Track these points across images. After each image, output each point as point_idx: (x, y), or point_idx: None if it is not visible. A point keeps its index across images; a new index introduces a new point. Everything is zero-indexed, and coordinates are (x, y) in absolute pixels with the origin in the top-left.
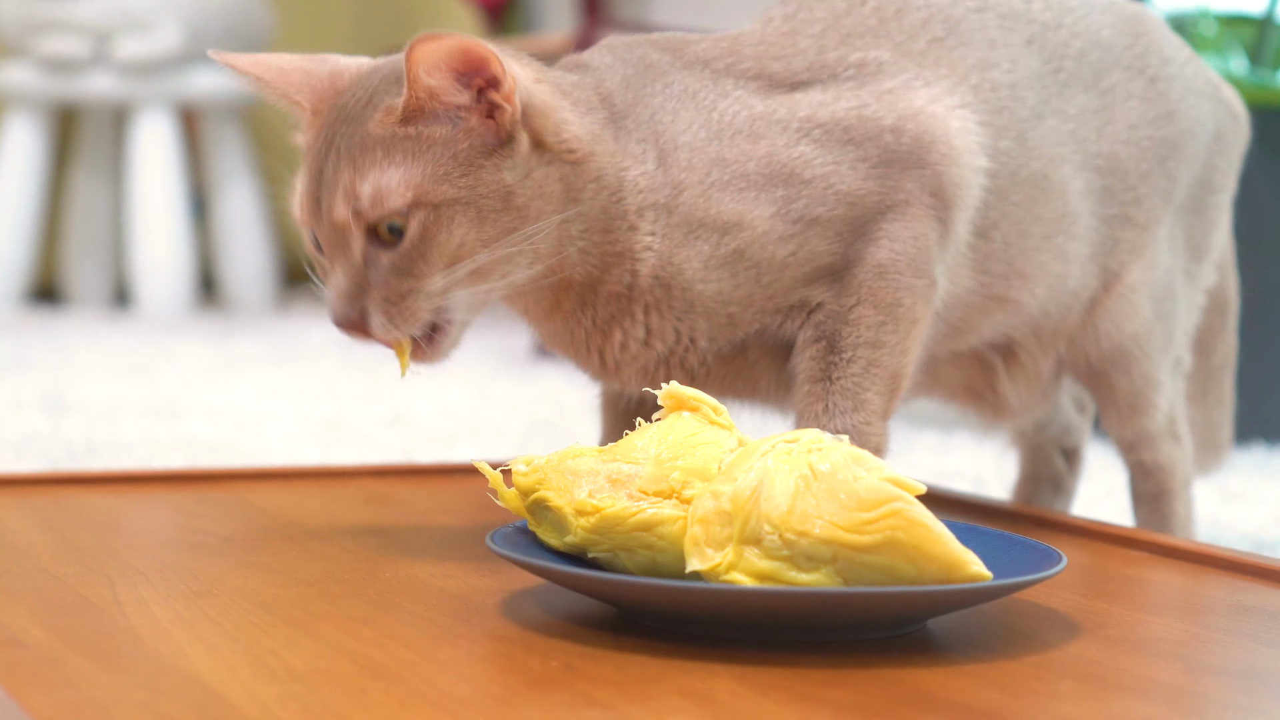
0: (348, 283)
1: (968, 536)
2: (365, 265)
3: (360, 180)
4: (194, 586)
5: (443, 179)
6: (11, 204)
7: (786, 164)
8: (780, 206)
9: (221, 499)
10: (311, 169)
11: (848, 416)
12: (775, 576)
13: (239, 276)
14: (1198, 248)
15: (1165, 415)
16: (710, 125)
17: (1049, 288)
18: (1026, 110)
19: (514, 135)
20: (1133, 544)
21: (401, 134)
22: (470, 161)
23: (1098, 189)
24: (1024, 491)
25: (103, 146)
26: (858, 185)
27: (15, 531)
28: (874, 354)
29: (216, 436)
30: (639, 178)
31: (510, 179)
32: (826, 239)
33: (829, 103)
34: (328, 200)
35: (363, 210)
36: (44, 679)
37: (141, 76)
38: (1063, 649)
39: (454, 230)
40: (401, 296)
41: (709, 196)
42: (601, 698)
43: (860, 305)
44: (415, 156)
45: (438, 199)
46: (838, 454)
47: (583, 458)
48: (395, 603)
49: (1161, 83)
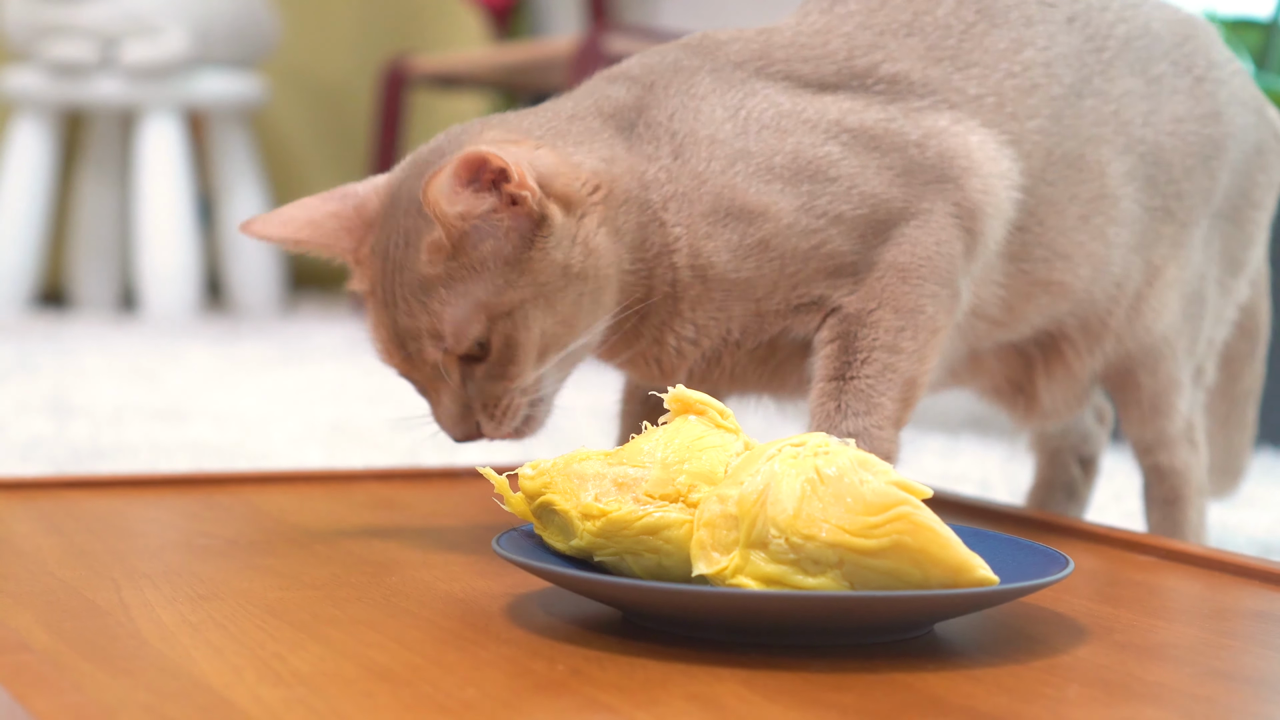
0: (456, 406)
1: (974, 541)
2: (464, 384)
3: (438, 323)
4: (199, 590)
5: (505, 288)
6: (18, 208)
7: (813, 161)
8: (805, 201)
9: (227, 502)
10: (385, 321)
11: (860, 419)
12: (781, 580)
13: (245, 280)
14: (1234, 260)
15: (1184, 420)
16: (736, 121)
17: (1093, 269)
18: (1061, 88)
19: (545, 213)
20: (1141, 548)
21: (454, 265)
22: (520, 260)
23: (1141, 176)
24: (1038, 497)
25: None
26: (882, 189)
27: (21, 535)
28: (891, 358)
29: (222, 440)
30: (658, 174)
31: (560, 255)
32: (849, 237)
33: (858, 110)
34: (414, 348)
35: (450, 348)
36: (49, 682)
37: (148, 81)
38: (1070, 654)
39: (531, 326)
40: (498, 399)
41: (734, 185)
42: (607, 702)
43: (881, 309)
44: (475, 280)
45: (509, 307)
46: (844, 458)
47: (589, 461)
48: (401, 606)
49: (1208, 84)
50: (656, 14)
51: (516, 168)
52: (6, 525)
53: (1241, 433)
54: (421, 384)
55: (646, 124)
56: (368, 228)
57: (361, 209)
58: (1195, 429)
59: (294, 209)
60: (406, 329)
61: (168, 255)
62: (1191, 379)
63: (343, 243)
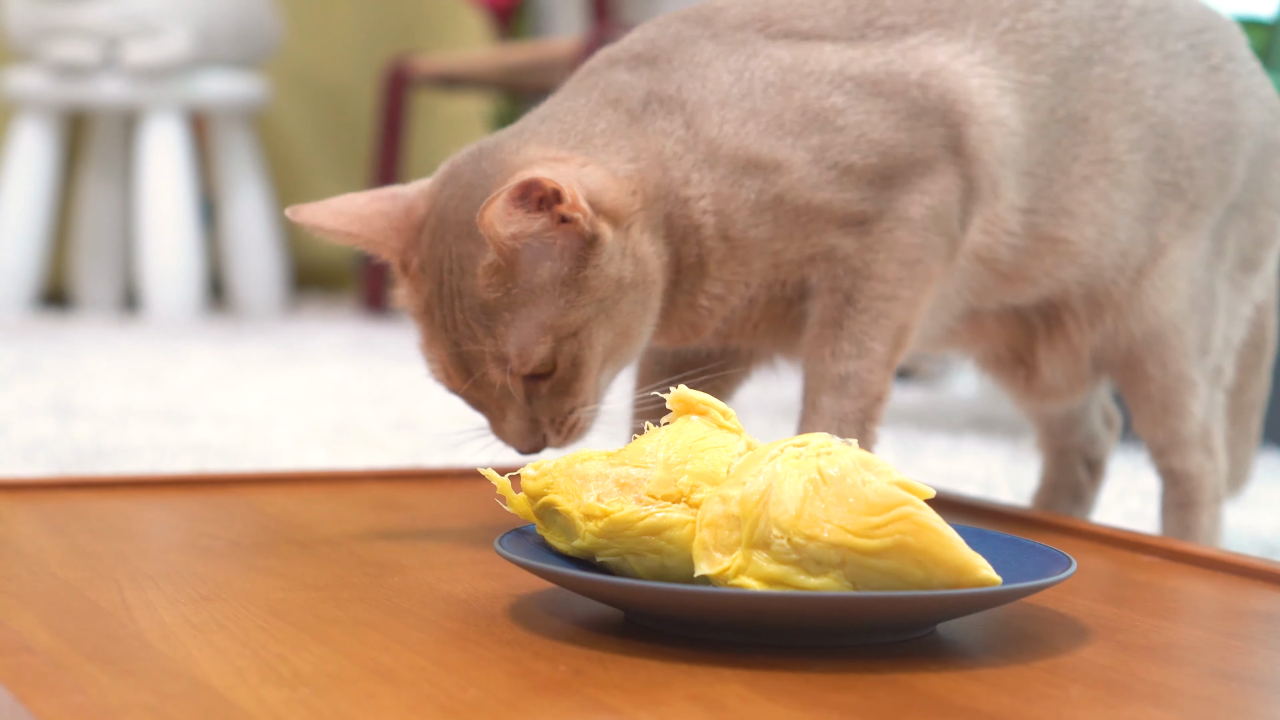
0: (523, 423)
1: (977, 541)
2: (529, 401)
3: (502, 345)
4: (202, 591)
5: (568, 309)
6: (21, 209)
7: (821, 113)
8: (816, 154)
9: (230, 503)
10: (444, 344)
11: (851, 362)
12: (784, 581)
13: (248, 281)
14: (1247, 257)
15: (1200, 423)
16: (742, 82)
17: (1098, 231)
18: (1069, 50)
19: (597, 233)
20: (1144, 549)
21: (514, 289)
22: (577, 280)
23: (1149, 147)
24: (1044, 498)
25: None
26: (889, 135)
27: (24, 536)
28: (887, 305)
29: (225, 441)
30: (674, 148)
31: (614, 270)
32: (858, 186)
33: (858, 59)
34: (479, 371)
35: (516, 370)
36: (52, 684)
37: (151, 81)
38: (1074, 654)
39: (595, 344)
40: (565, 416)
41: (746, 144)
42: (610, 702)
43: (885, 260)
44: (537, 303)
45: (574, 328)
46: (846, 458)
47: (591, 462)
48: (404, 607)
49: (1224, 75)
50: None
51: (570, 191)
52: (9, 526)
53: (1246, 442)
54: (484, 403)
55: (658, 101)
56: (415, 231)
57: (410, 212)
58: (1212, 435)
59: (343, 202)
60: (470, 354)
61: (170, 256)
62: (1207, 380)
63: (391, 242)
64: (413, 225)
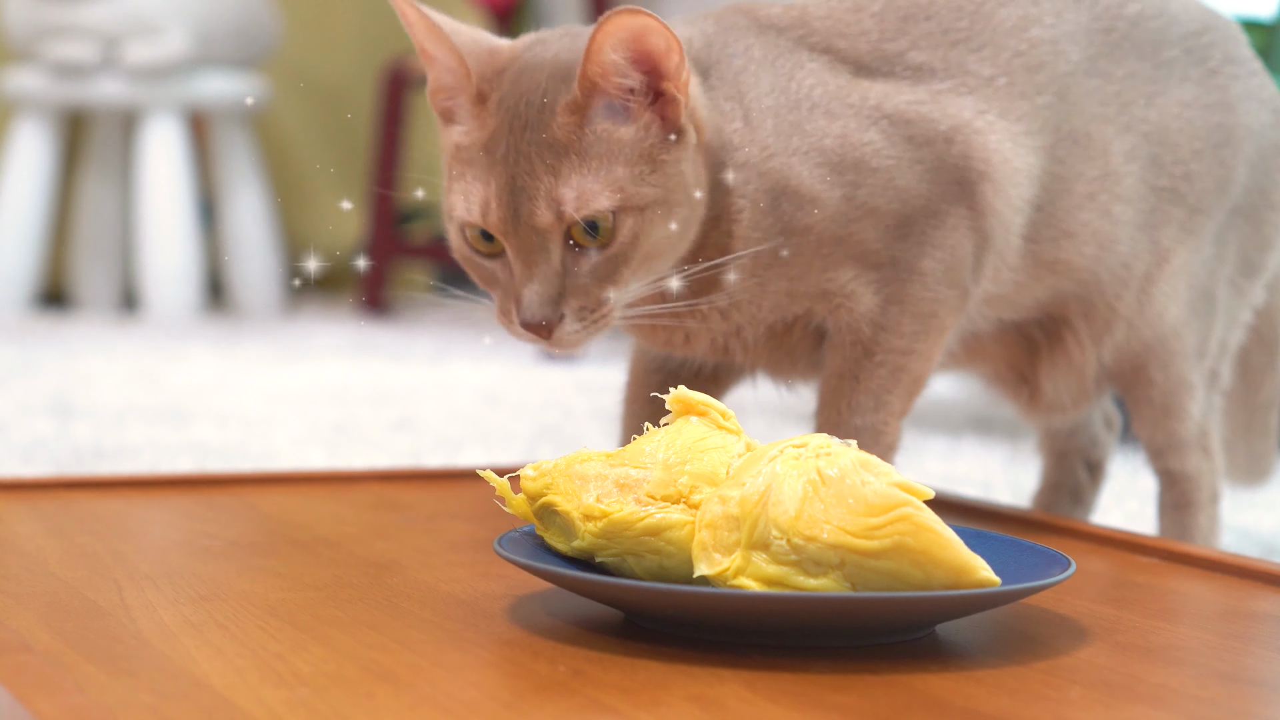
0: (549, 287)
1: (976, 542)
2: (563, 271)
3: (562, 185)
4: (201, 591)
5: (641, 180)
6: (20, 208)
7: (857, 148)
8: (849, 191)
9: (229, 503)
10: (496, 176)
11: (868, 415)
12: (783, 581)
13: (247, 281)
14: (1249, 261)
15: (1197, 425)
16: (789, 94)
17: (1098, 246)
18: (1069, 65)
19: (684, 128)
20: (1143, 550)
21: (591, 136)
22: (657, 159)
23: (1144, 155)
24: (1044, 499)
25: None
26: (913, 184)
27: (23, 536)
28: (903, 360)
29: (224, 441)
30: (732, 136)
31: (688, 171)
32: (878, 229)
33: (893, 95)
34: (527, 207)
35: (566, 213)
36: (51, 683)
37: (150, 81)
38: (1073, 655)
39: (655, 230)
40: (600, 303)
41: (792, 166)
42: (609, 703)
43: (900, 313)
44: (611, 159)
45: (643, 201)
46: (846, 459)
47: (590, 462)
48: (403, 607)
49: (1221, 78)
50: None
51: (686, 72)
52: (8, 526)
53: (1265, 440)
54: (513, 253)
55: (720, 76)
56: (496, 72)
57: (495, 53)
58: (1209, 436)
59: (439, 17)
60: (523, 187)
61: (169, 256)
62: (1205, 382)
63: (474, 65)
64: (494, 64)
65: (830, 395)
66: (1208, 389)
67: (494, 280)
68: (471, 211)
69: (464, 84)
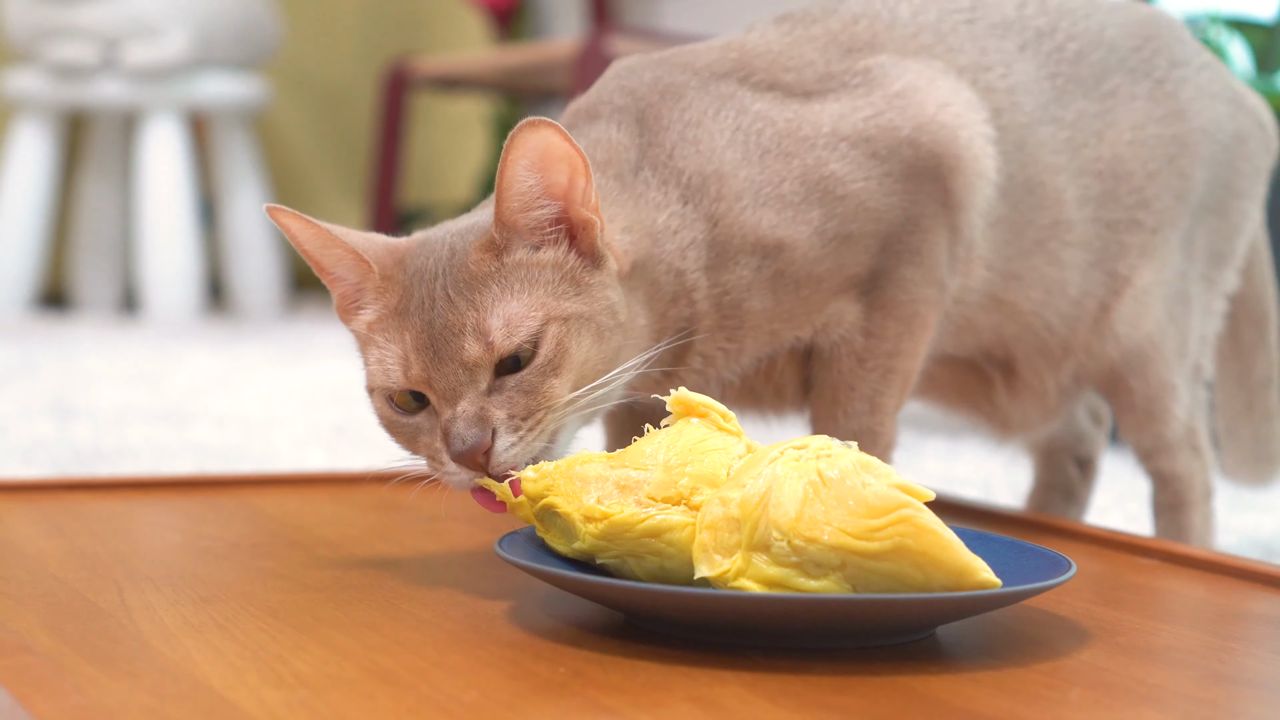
0: (476, 409)
1: (976, 543)
2: (489, 395)
3: (487, 316)
4: (201, 592)
5: (564, 296)
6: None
7: (820, 182)
8: (818, 225)
9: (229, 505)
10: (413, 327)
11: (864, 419)
12: (784, 583)
13: (247, 282)
14: (1219, 253)
15: (1183, 425)
16: (736, 146)
17: (1045, 292)
18: (1024, 116)
19: (602, 254)
20: (1143, 552)
21: (510, 264)
22: (580, 281)
23: (1097, 195)
24: (1037, 500)
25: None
26: (885, 201)
27: (23, 537)
28: (892, 361)
29: (224, 442)
30: (669, 221)
31: (614, 296)
32: (857, 254)
33: (847, 114)
34: (453, 346)
35: (495, 343)
36: (51, 685)
37: (150, 83)
38: (1073, 657)
39: (582, 343)
40: (530, 412)
41: (744, 223)
42: (610, 704)
43: (886, 318)
44: (532, 282)
45: (566, 314)
46: (846, 460)
47: (591, 464)
48: (403, 609)
49: (1170, 85)
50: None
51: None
52: (8, 527)
53: (1268, 421)
54: (437, 398)
55: (651, 167)
56: (396, 260)
57: (392, 247)
58: (1198, 433)
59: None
60: (448, 325)
61: (169, 257)
62: (1187, 381)
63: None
64: (392, 254)
65: (827, 406)
66: (1191, 385)
67: (419, 433)
68: (391, 375)
69: (366, 274)
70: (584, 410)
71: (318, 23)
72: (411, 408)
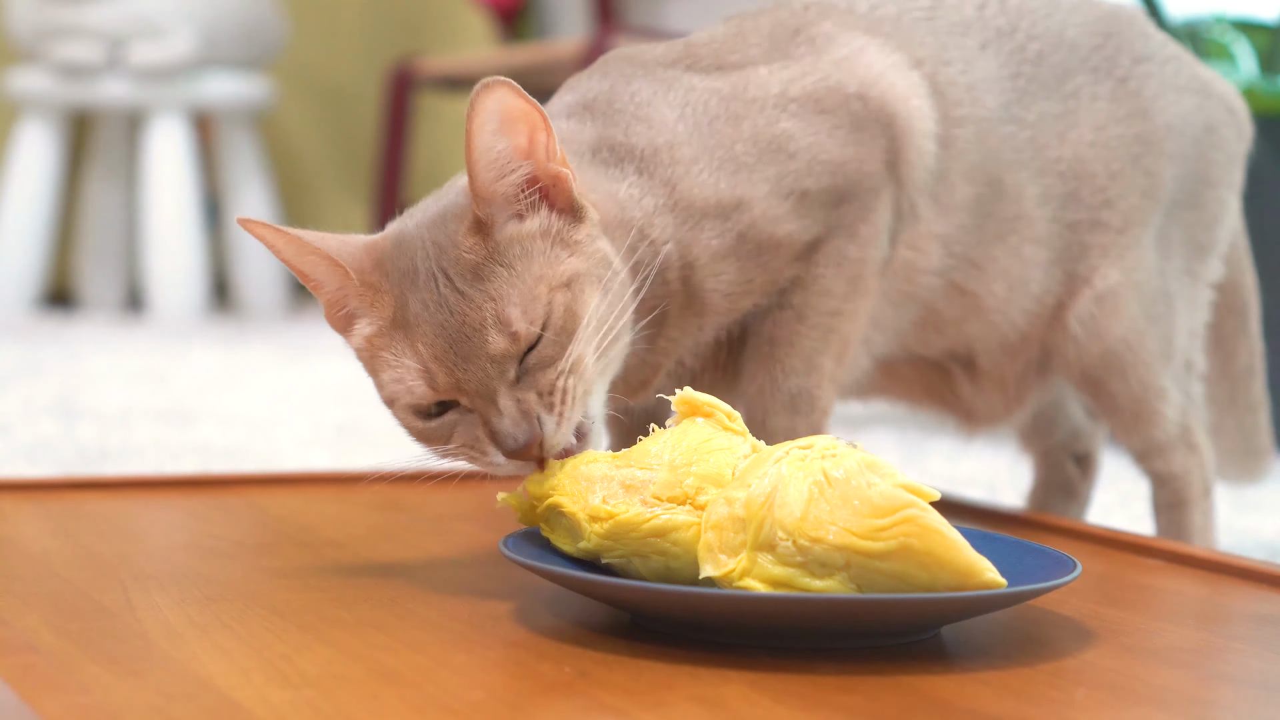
0: (517, 405)
1: (981, 543)
2: (518, 381)
3: (504, 305)
4: (207, 591)
5: (559, 262)
6: (25, 209)
7: (772, 140)
8: (774, 184)
9: (234, 504)
10: (424, 335)
11: (801, 378)
12: (789, 583)
13: (252, 282)
14: (1199, 244)
15: (1175, 424)
16: (687, 119)
17: (1008, 287)
18: (985, 110)
19: (581, 205)
20: (1147, 552)
21: (501, 241)
22: (568, 241)
23: (1059, 195)
24: (1037, 499)
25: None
26: (838, 153)
27: (28, 537)
28: (834, 321)
29: (229, 442)
30: (630, 191)
31: (604, 246)
32: (813, 210)
33: (796, 78)
34: (475, 343)
35: (520, 332)
36: (57, 684)
37: (155, 82)
38: (1077, 657)
39: (588, 299)
40: (560, 388)
41: (704, 185)
42: (614, 704)
43: (833, 276)
44: (528, 257)
45: (566, 278)
46: (851, 460)
47: (596, 464)
48: (408, 608)
49: (1133, 82)
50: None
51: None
52: (13, 527)
53: (1252, 412)
54: (470, 398)
55: (608, 148)
56: (374, 262)
57: (369, 248)
58: (1192, 430)
59: (301, 232)
60: (468, 323)
61: (175, 256)
62: (1177, 379)
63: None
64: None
65: (763, 362)
66: (1183, 383)
67: (452, 429)
68: (415, 390)
69: (345, 280)
70: (606, 364)
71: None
72: (438, 411)
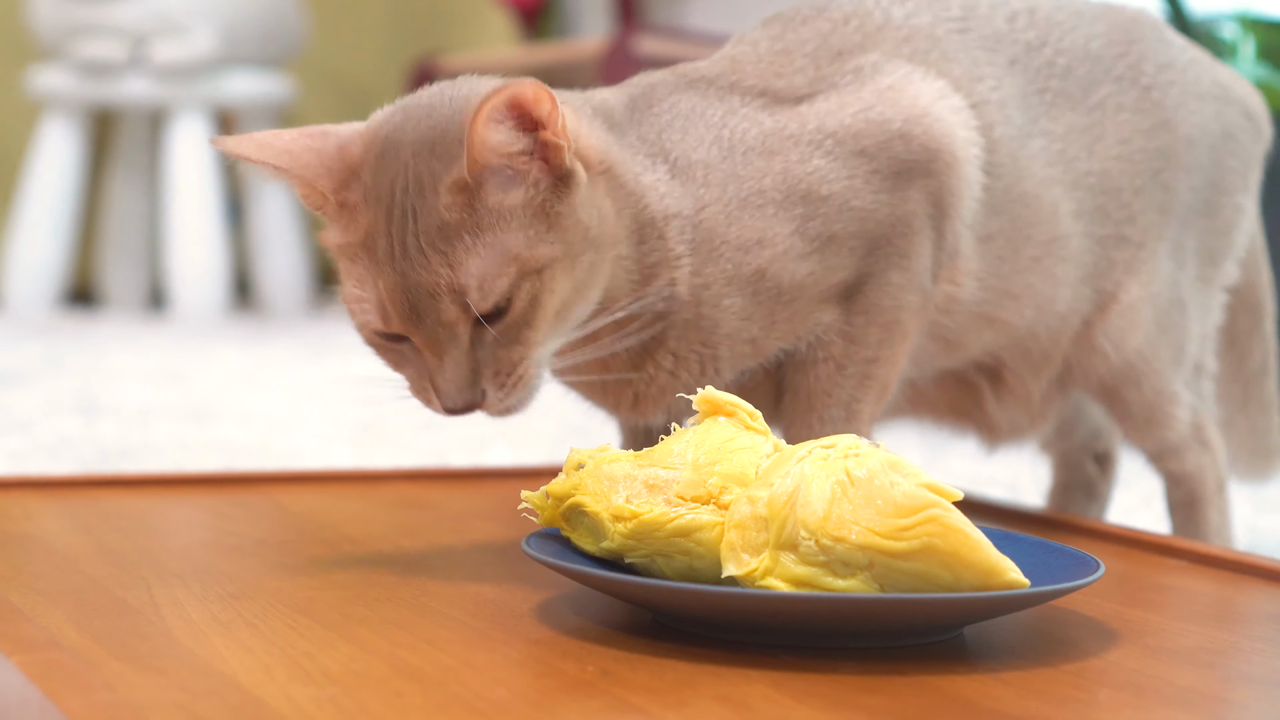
0: (462, 370)
1: (1004, 543)
2: (472, 348)
3: (461, 275)
4: (229, 589)
5: (537, 241)
6: (48, 207)
7: (803, 180)
8: (799, 224)
9: (255, 502)
10: (387, 277)
11: (840, 425)
12: (811, 582)
13: (273, 280)
14: (1213, 251)
15: (1187, 425)
16: (722, 142)
17: (1037, 309)
18: (1015, 129)
19: (573, 169)
20: (1170, 552)
21: (482, 210)
22: (551, 212)
23: (1090, 209)
24: (1057, 499)
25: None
26: (871, 200)
27: (51, 533)
28: (871, 368)
29: (250, 440)
30: (655, 183)
31: (585, 216)
32: (841, 255)
33: (835, 110)
34: (427, 304)
35: (473, 302)
36: (81, 681)
37: (178, 80)
38: (1101, 657)
39: (556, 289)
40: (513, 367)
41: (729, 214)
42: (637, 703)
43: (868, 325)
44: (504, 229)
45: (540, 264)
46: (874, 460)
47: (619, 463)
48: (431, 606)
49: (1156, 91)
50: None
51: (561, 116)
52: (37, 523)
53: (1265, 412)
54: (421, 346)
55: (639, 137)
56: (350, 173)
57: (343, 151)
58: (1205, 429)
59: (269, 136)
60: (422, 284)
61: (196, 255)
62: (1189, 382)
63: (321, 181)
64: (346, 165)
65: (802, 413)
66: (1194, 385)
67: (403, 362)
68: (369, 318)
69: (324, 202)
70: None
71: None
72: (394, 339)
